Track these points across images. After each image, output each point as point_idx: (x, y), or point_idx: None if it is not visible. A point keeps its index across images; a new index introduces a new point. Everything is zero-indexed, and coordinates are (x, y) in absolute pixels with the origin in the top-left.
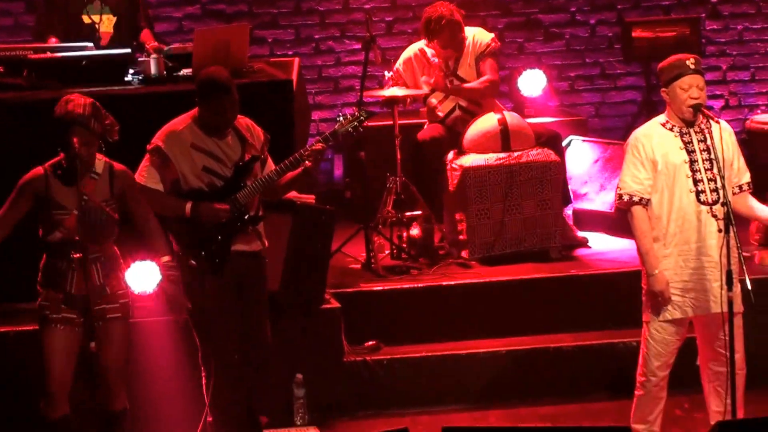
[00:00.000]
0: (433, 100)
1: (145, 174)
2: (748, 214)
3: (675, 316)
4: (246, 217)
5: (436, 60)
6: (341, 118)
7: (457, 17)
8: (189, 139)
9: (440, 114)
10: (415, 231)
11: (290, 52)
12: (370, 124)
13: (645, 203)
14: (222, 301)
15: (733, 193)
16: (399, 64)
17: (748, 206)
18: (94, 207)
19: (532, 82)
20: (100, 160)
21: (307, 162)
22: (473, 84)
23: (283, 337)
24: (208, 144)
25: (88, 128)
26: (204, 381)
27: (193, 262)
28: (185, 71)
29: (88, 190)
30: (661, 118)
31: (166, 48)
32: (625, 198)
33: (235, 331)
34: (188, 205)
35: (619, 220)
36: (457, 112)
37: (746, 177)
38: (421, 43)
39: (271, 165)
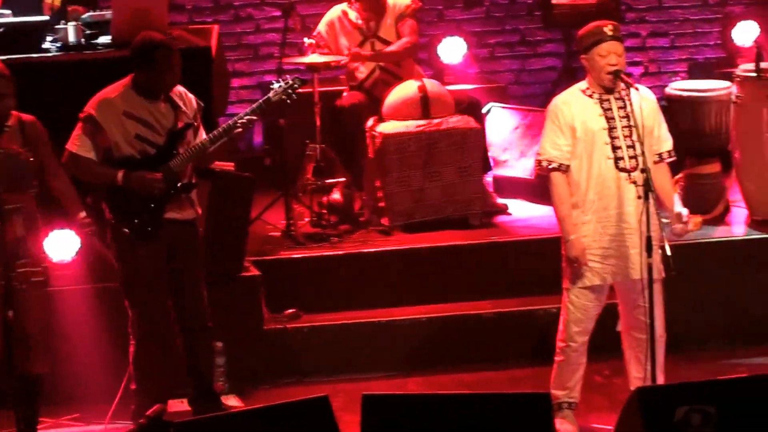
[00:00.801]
0: (354, 63)
1: (78, 142)
2: (658, 192)
3: (594, 282)
4: (179, 185)
5: (360, 22)
6: (276, 86)
7: None
8: (122, 107)
9: (360, 75)
10: (335, 198)
11: (209, 20)
12: None
13: (564, 169)
14: (154, 269)
15: (654, 162)
16: (321, 26)
17: (660, 185)
18: (11, 153)
19: (452, 50)
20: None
21: (238, 129)
22: (392, 47)
23: None
24: (141, 112)
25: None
26: (132, 348)
27: (126, 230)
28: (104, 38)
29: (2, 143)
30: (582, 84)
31: (84, 15)
32: (545, 164)
33: (165, 301)
34: (120, 174)
35: (539, 187)
36: (378, 73)
37: (667, 145)
38: (344, 5)
39: (202, 133)
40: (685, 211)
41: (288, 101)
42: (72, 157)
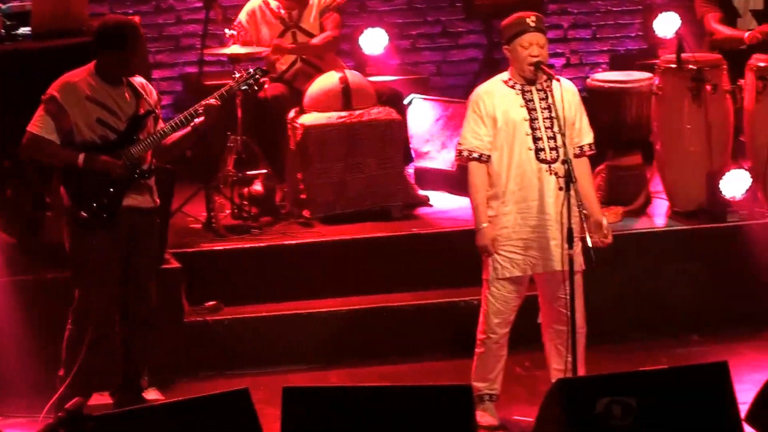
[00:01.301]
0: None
1: (39, 124)
2: (579, 191)
3: (514, 273)
4: (138, 171)
5: (281, 11)
6: (237, 75)
7: None
8: (85, 91)
9: (281, 67)
10: (256, 189)
11: (130, 11)
12: (210, 82)
13: (485, 160)
14: (106, 258)
15: (574, 155)
16: (242, 15)
17: (580, 182)
18: None
19: (374, 41)
20: None
21: (199, 119)
22: (315, 41)
23: None
24: (103, 97)
25: None
26: (67, 333)
27: (84, 213)
28: (24, 29)
29: None
30: (504, 75)
31: (4, 6)
32: (465, 153)
33: (114, 291)
34: (81, 156)
35: (460, 178)
36: (298, 65)
37: (587, 138)
38: None
39: (162, 124)
40: (605, 222)
41: (249, 91)
42: (33, 138)
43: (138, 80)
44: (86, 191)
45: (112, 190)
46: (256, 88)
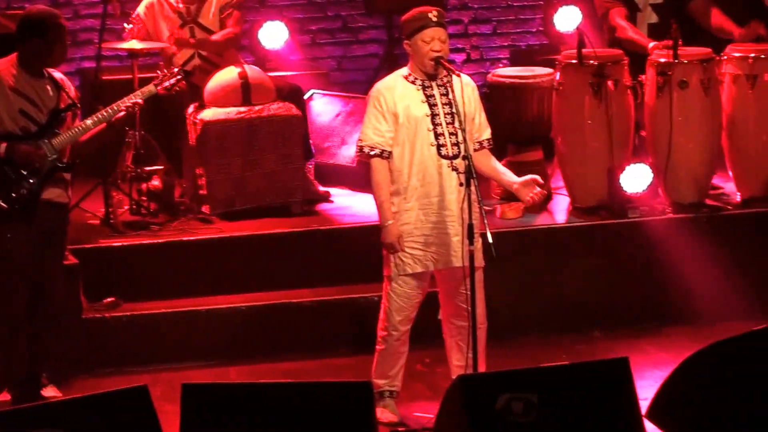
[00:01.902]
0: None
1: None
2: (490, 174)
3: (416, 270)
4: (59, 164)
5: (180, 6)
6: (160, 74)
7: None
8: (8, 81)
9: (178, 62)
10: (155, 185)
11: (27, 5)
12: (109, 77)
13: (386, 156)
14: (20, 252)
15: (474, 149)
16: (140, 8)
17: (491, 167)
18: None
19: (273, 35)
20: None
21: (121, 113)
22: (216, 37)
23: None
24: (26, 88)
25: None
26: None
27: (3, 204)
28: None
29: None
30: (404, 70)
31: None
32: (366, 150)
33: (25, 285)
34: (3, 146)
35: (360, 175)
36: (196, 60)
37: (487, 133)
38: None
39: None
40: (538, 177)
41: (170, 91)
42: None
43: (58, 75)
44: (5, 181)
45: (32, 181)
46: (177, 89)
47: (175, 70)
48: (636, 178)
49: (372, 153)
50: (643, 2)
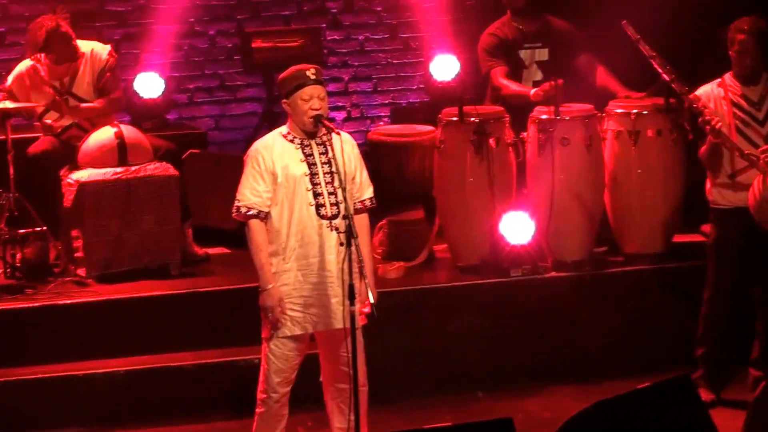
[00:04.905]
0: (48, 120)
1: None
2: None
3: (295, 332)
4: None
5: (52, 78)
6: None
7: (65, 29)
8: None
9: (57, 128)
10: (29, 248)
11: None
12: None
13: (263, 216)
14: None
15: (355, 209)
16: (10, 80)
17: (362, 240)
18: None
19: (149, 85)
20: None
21: None
22: (94, 104)
23: None
24: None
25: None
26: None
27: None
28: None
29: None
30: (283, 129)
31: None
32: (243, 210)
33: None
34: None
35: (238, 235)
36: (73, 131)
37: (368, 192)
38: (32, 61)
39: None
40: (371, 299)
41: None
42: None
43: None
44: None
45: None
46: None
47: None
48: (517, 228)
49: (249, 213)
50: (528, 59)
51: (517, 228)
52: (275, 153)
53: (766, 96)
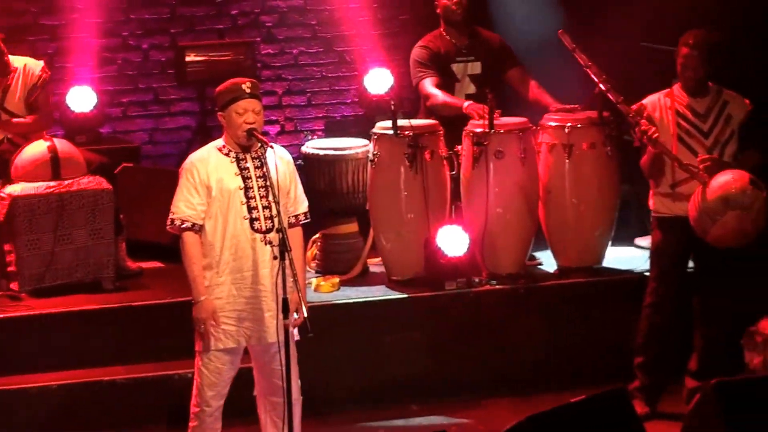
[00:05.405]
0: None
1: None
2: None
3: (228, 345)
4: None
5: None
6: None
7: None
8: None
9: None
10: None
11: None
12: None
13: (197, 229)
14: None
15: (289, 223)
16: None
17: (296, 254)
18: None
19: (82, 98)
20: None
21: None
22: (26, 119)
23: None
24: None
25: None
26: None
27: None
28: None
29: None
30: (218, 142)
31: None
32: (177, 223)
33: None
34: None
35: (172, 249)
36: (5, 145)
37: (303, 207)
38: None
39: None
40: (305, 313)
41: None
42: None
43: None
44: None
45: None
46: None
47: None
48: (452, 241)
49: (183, 226)
50: (461, 73)
51: (451, 241)
52: (210, 166)
53: (713, 108)
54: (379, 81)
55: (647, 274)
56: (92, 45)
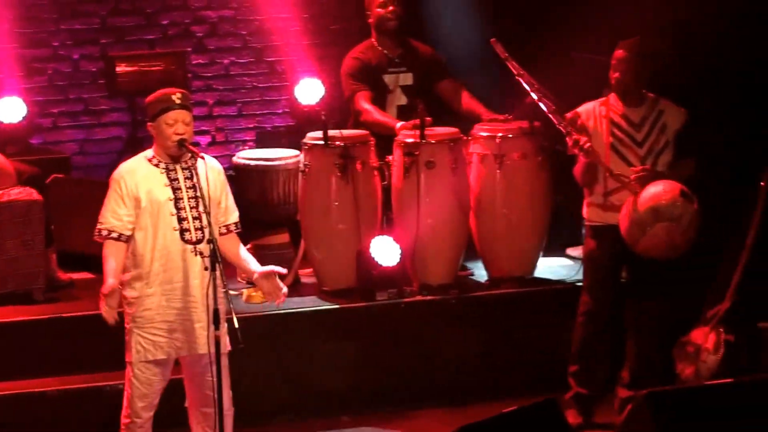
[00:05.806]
0: None
1: None
2: (234, 261)
3: (158, 356)
4: None
5: None
6: None
7: None
8: None
9: None
10: None
11: None
12: None
13: (124, 240)
14: None
15: (221, 233)
16: None
17: (235, 253)
18: None
19: (12, 109)
20: None
21: None
22: None
23: None
24: None
25: None
26: None
27: None
28: None
29: None
30: (148, 153)
31: None
32: (104, 233)
33: None
34: None
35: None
36: None
37: (233, 217)
38: None
39: None
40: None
41: None
42: None
43: None
44: None
45: None
46: None
47: None
48: (383, 252)
49: (109, 236)
50: (393, 84)
51: (383, 252)
52: (138, 177)
53: (648, 118)
54: (309, 91)
55: (579, 284)
56: (22, 55)
